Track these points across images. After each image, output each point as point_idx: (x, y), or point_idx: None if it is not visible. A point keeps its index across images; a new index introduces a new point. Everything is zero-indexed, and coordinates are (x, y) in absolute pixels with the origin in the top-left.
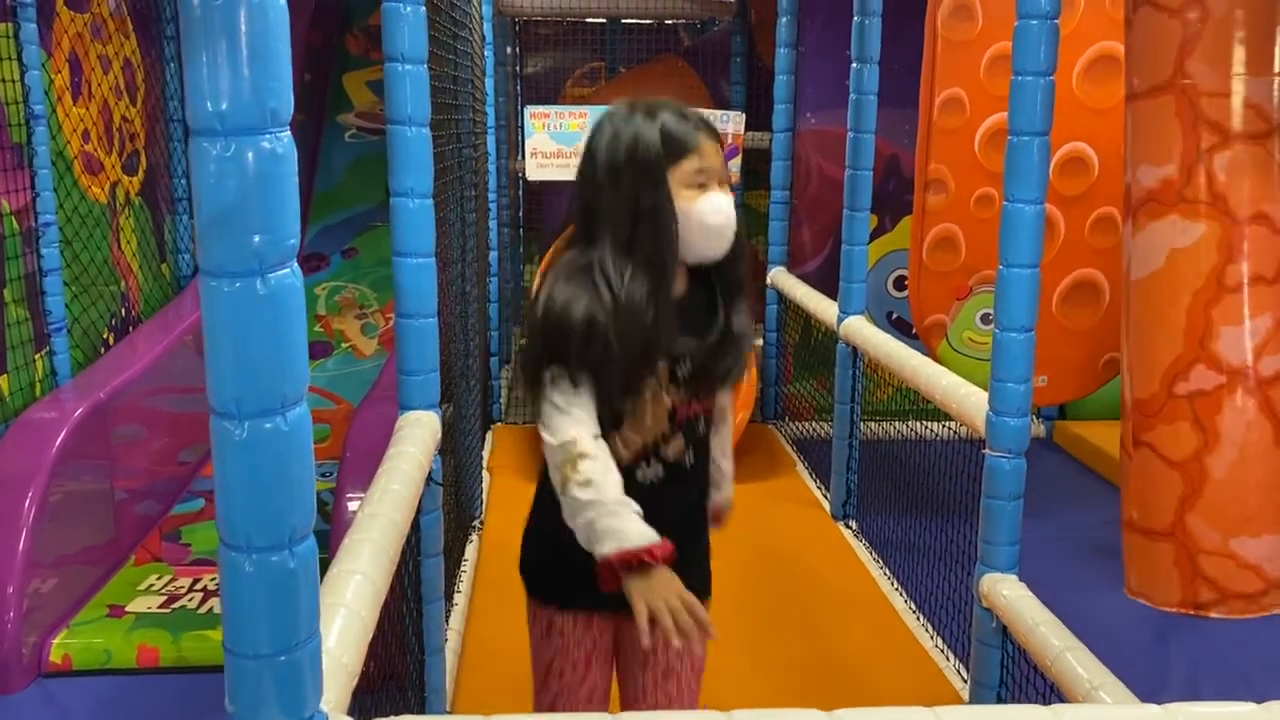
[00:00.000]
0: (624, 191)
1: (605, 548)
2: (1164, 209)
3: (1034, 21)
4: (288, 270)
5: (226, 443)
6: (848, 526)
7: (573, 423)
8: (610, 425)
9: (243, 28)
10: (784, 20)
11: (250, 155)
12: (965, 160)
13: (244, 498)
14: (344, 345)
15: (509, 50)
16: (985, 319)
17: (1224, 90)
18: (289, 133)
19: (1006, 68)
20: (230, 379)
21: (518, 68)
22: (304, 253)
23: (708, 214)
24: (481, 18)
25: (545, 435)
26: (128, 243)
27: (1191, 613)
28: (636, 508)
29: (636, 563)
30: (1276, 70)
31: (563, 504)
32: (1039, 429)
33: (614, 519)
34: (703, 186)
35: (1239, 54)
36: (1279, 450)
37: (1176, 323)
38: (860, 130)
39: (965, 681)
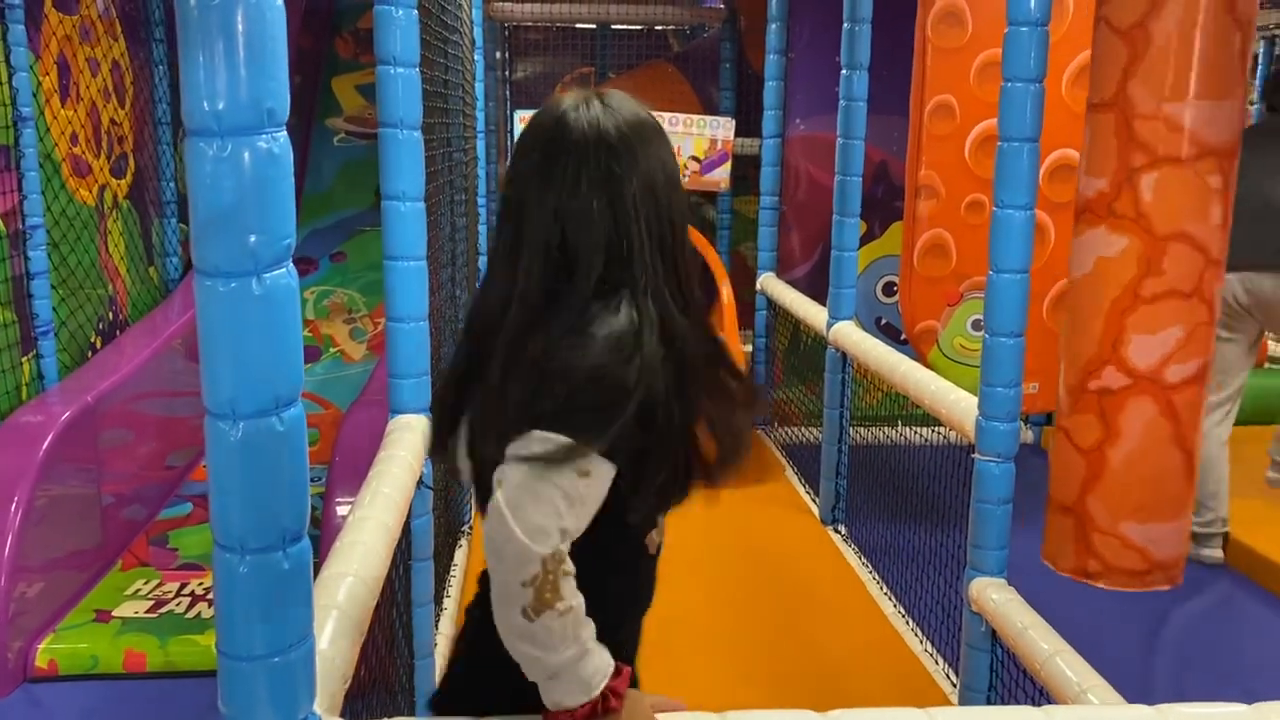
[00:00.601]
0: (661, 210)
1: (569, 698)
2: (1097, 219)
3: (1024, 28)
4: (283, 270)
5: (221, 443)
6: (837, 531)
7: (562, 532)
8: (647, 517)
9: (240, 28)
10: (773, 26)
11: (246, 155)
12: (956, 166)
13: (238, 498)
14: (332, 350)
15: (499, 55)
16: (976, 325)
17: (1156, 114)
18: (285, 133)
19: (996, 74)
20: (225, 379)
21: (507, 72)
22: (292, 256)
23: None
24: (471, 22)
25: (519, 533)
26: (115, 246)
27: (1081, 579)
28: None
29: (603, 708)
30: (1209, 96)
31: (517, 630)
32: (1027, 434)
33: (589, 658)
34: None
35: (1175, 80)
36: (1176, 449)
37: (1095, 325)
38: (850, 136)
39: (954, 685)
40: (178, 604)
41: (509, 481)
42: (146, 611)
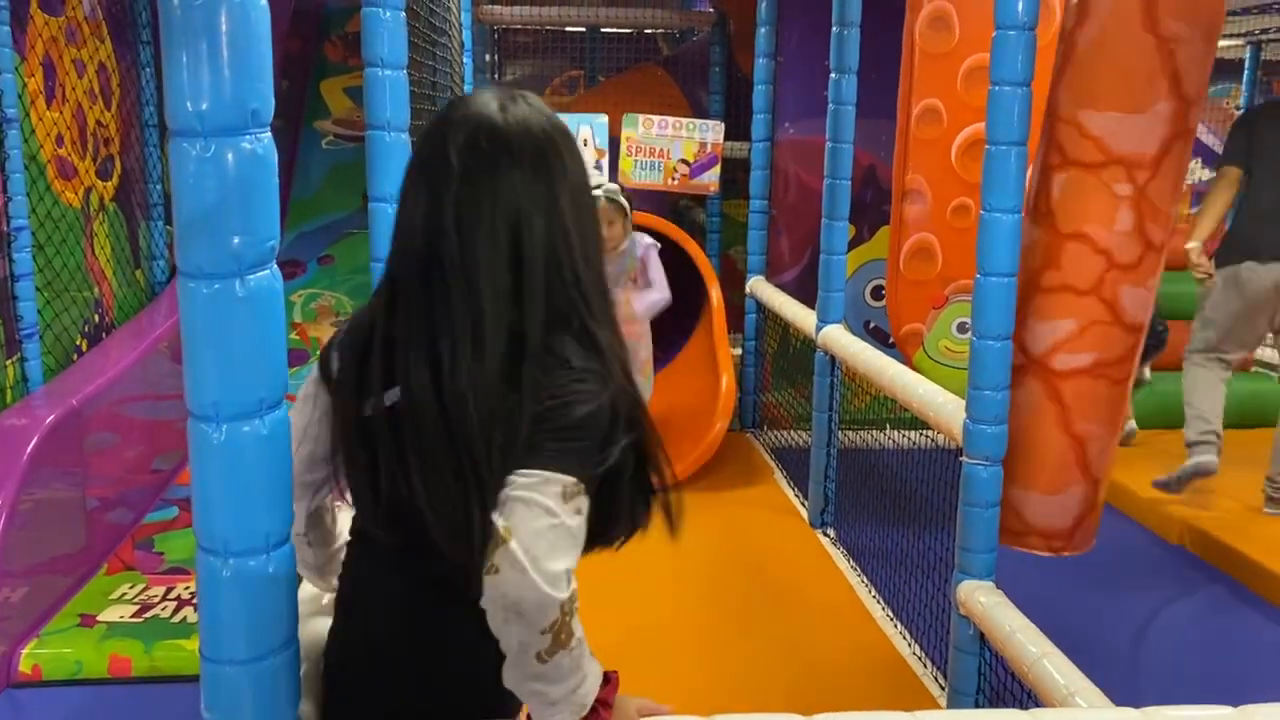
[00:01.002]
0: (585, 223)
1: (561, 718)
2: (1027, 210)
3: (1012, 32)
4: (267, 272)
5: (204, 446)
6: (826, 535)
7: (569, 573)
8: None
9: (223, 28)
10: (763, 30)
11: (230, 156)
12: (942, 170)
13: (222, 502)
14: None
15: (488, 58)
16: (961, 328)
17: (1072, 119)
18: (269, 134)
19: (983, 79)
20: (209, 381)
21: (496, 75)
22: (280, 259)
23: None
24: (460, 25)
25: (541, 584)
26: (101, 248)
27: None
28: None
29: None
30: (1119, 108)
31: (529, 673)
32: None
33: (587, 682)
34: None
35: (1090, 90)
36: (1059, 432)
37: (1015, 306)
38: (838, 140)
39: (943, 689)
40: (163, 608)
41: (524, 529)
42: (132, 616)
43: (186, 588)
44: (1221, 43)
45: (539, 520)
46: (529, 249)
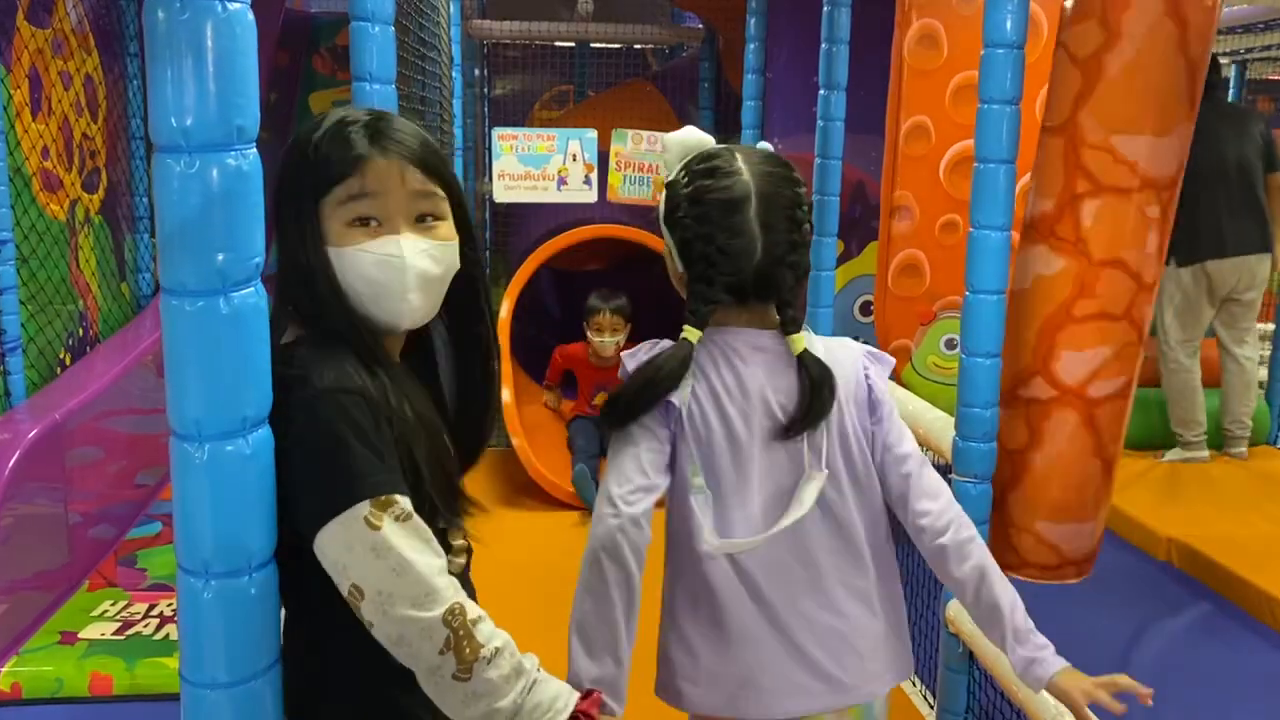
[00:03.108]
0: (284, 236)
1: None
2: (1039, 238)
3: (1000, 50)
4: (251, 289)
5: (187, 465)
6: None
7: (441, 572)
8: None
9: (209, 43)
10: (752, 46)
11: (215, 172)
12: (930, 187)
13: (203, 522)
14: None
15: (477, 72)
16: (949, 344)
17: (1103, 144)
18: (255, 150)
19: (971, 96)
20: (191, 400)
21: (485, 90)
22: (266, 272)
23: (365, 264)
24: (450, 40)
25: (408, 611)
26: (86, 261)
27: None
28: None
29: None
30: (1154, 132)
31: (460, 696)
32: None
33: (542, 685)
34: (365, 223)
35: (1122, 113)
36: (1095, 459)
37: (1029, 338)
38: (827, 156)
39: (932, 708)
40: (146, 625)
41: (365, 580)
42: (114, 633)
43: (169, 604)
44: None
45: (368, 563)
46: (282, 263)
